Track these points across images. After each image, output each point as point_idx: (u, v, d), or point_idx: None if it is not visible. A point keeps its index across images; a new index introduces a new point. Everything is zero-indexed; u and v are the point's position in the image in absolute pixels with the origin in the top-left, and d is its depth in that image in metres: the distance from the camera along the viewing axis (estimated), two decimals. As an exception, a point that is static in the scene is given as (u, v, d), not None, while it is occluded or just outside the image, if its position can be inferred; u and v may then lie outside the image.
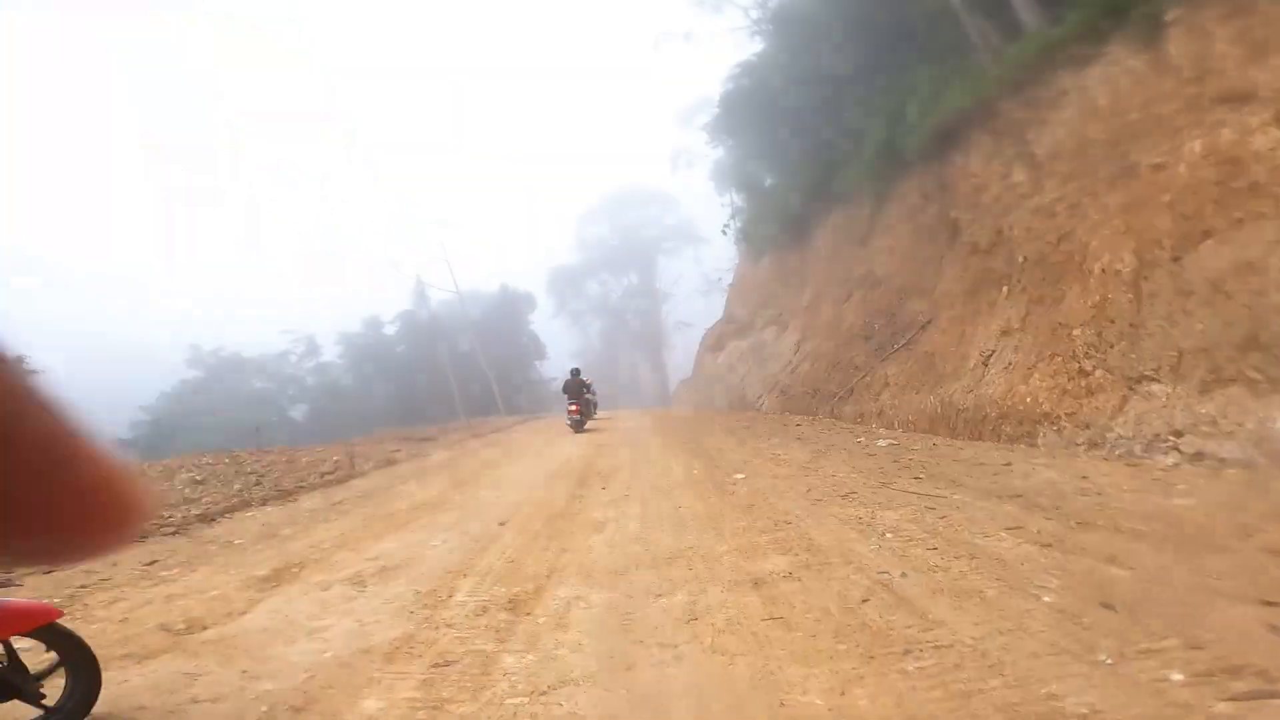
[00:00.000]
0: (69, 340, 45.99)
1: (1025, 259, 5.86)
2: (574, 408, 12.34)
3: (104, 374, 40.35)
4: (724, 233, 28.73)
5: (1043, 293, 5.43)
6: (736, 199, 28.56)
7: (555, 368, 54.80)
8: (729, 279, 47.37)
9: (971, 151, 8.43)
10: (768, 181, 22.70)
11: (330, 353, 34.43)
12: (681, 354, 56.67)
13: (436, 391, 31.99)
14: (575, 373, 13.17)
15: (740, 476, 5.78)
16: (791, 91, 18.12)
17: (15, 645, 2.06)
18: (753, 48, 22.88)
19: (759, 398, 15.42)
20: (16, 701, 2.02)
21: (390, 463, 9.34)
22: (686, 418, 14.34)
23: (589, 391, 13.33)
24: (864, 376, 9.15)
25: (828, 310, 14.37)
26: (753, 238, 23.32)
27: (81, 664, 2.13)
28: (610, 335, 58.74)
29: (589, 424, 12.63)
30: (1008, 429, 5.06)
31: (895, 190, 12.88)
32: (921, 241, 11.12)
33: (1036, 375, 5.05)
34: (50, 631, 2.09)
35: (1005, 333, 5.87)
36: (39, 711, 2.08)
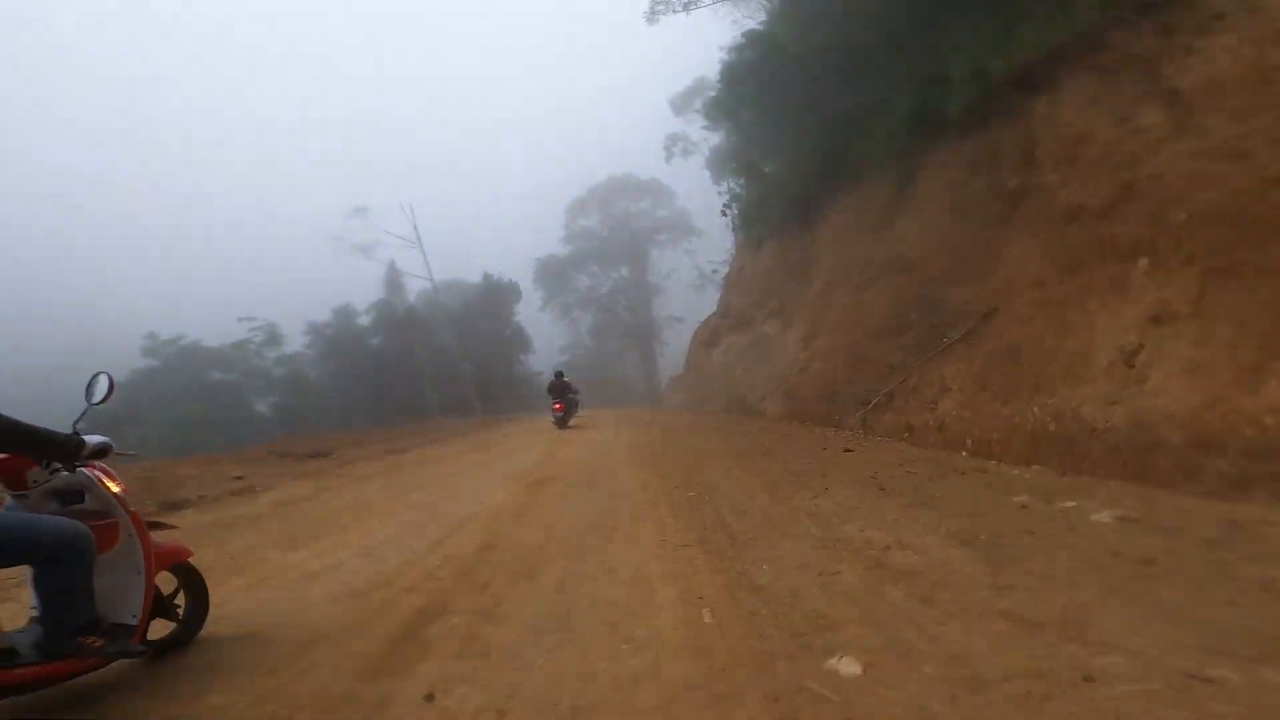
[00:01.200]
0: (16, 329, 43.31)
1: (1187, 216, 4.11)
2: (558, 406, 13.78)
3: (59, 365, 37.79)
4: (724, 213, 26.95)
5: (1235, 259, 3.69)
6: (735, 185, 26.80)
7: (542, 361, 52.73)
8: (724, 271, 45.83)
9: (1063, 98, 6.63)
10: (770, 163, 20.84)
11: (297, 343, 32.17)
12: (673, 350, 54.94)
13: (413, 388, 29.93)
14: (559, 375, 14.84)
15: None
16: (803, 62, 16.27)
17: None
18: (759, 16, 21.06)
19: (761, 399, 13.61)
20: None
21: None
22: (677, 424, 12.40)
23: (571, 392, 14.51)
24: (905, 379, 7.35)
25: (841, 301, 12.57)
26: (753, 225, 21.50)
27: (198, 591, 2.71)
28: (600, 329, 56.75)
29: (572, 420, 13.94)
30: (1223, 466, 3.30)
31: (927, 164, 11.14)
32: (965, 219, 9.35)
33: (1275, 380, 3.26)
34: (178, 567, 2.66)
35: (1157, 320, 4.12)
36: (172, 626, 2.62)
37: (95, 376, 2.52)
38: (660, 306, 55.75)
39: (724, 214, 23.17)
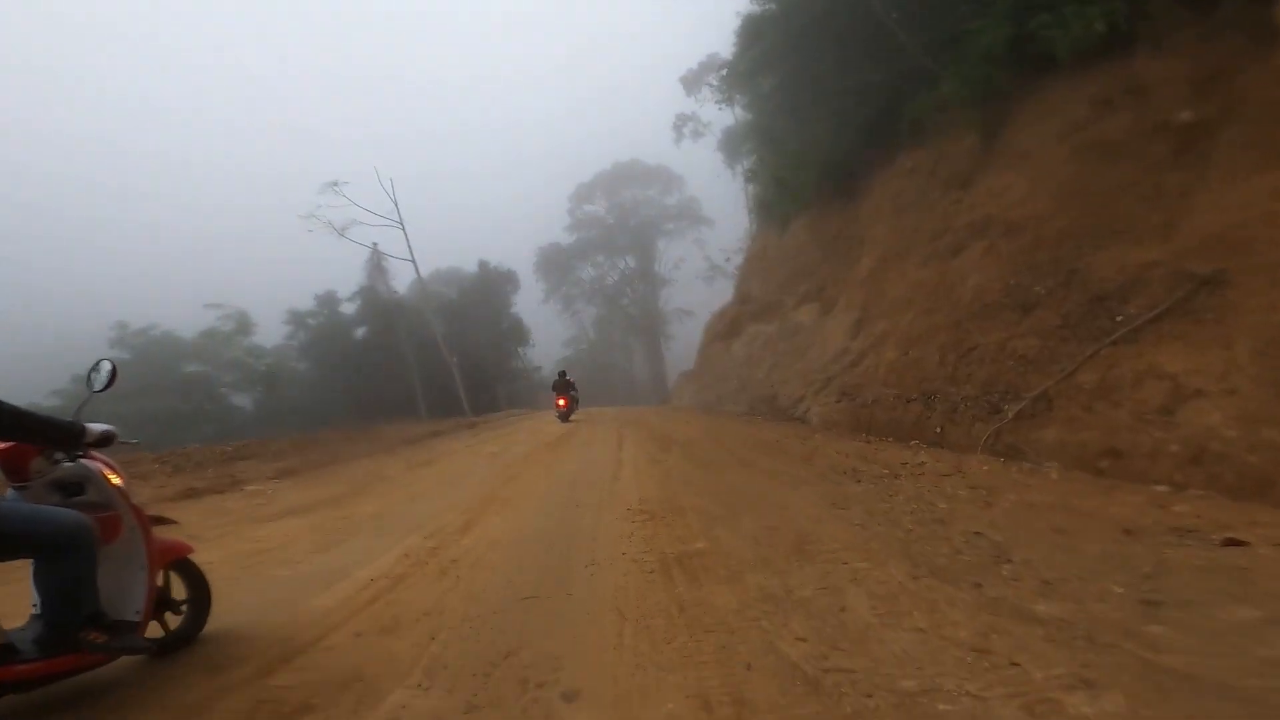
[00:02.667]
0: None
1: None
2: (563, 402, 14.77)
3: (20, 354, 35.59)
4: (748, 179, 24.31)
5: None
6: (753, 162, 24.18)
7: (544, 355, 50.27)
8: (738, 261, 43.22)
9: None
10: (798, 133, 18.13)
11: (276, 332, 29.76)
12: (681, 344, 52.33)
13: (402, 384, 27.49)
14: (562, 374, 15.77)
15: None
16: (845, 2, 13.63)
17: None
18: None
19: (800, 400, 11.02)
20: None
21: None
22: (699, 435, 9.23)
23: (573, 390, 15.42)
24: (1070, 373, 4.76)
25: (910, 277, 9.97)
26: (777, 202, 18.85)
27: (200, 589, 2.62)
28: (605, 323, 54.21)
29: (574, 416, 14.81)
30: None
31: (1023, 109, 8.86)
32: (1104, 165, 6.87)
33: None
34: (180, 563, 2.58)
35: None
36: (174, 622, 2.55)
37: (98, 363, 2.51)
38: (668, 299, 53.11)
39: (748, 180, 20.52)
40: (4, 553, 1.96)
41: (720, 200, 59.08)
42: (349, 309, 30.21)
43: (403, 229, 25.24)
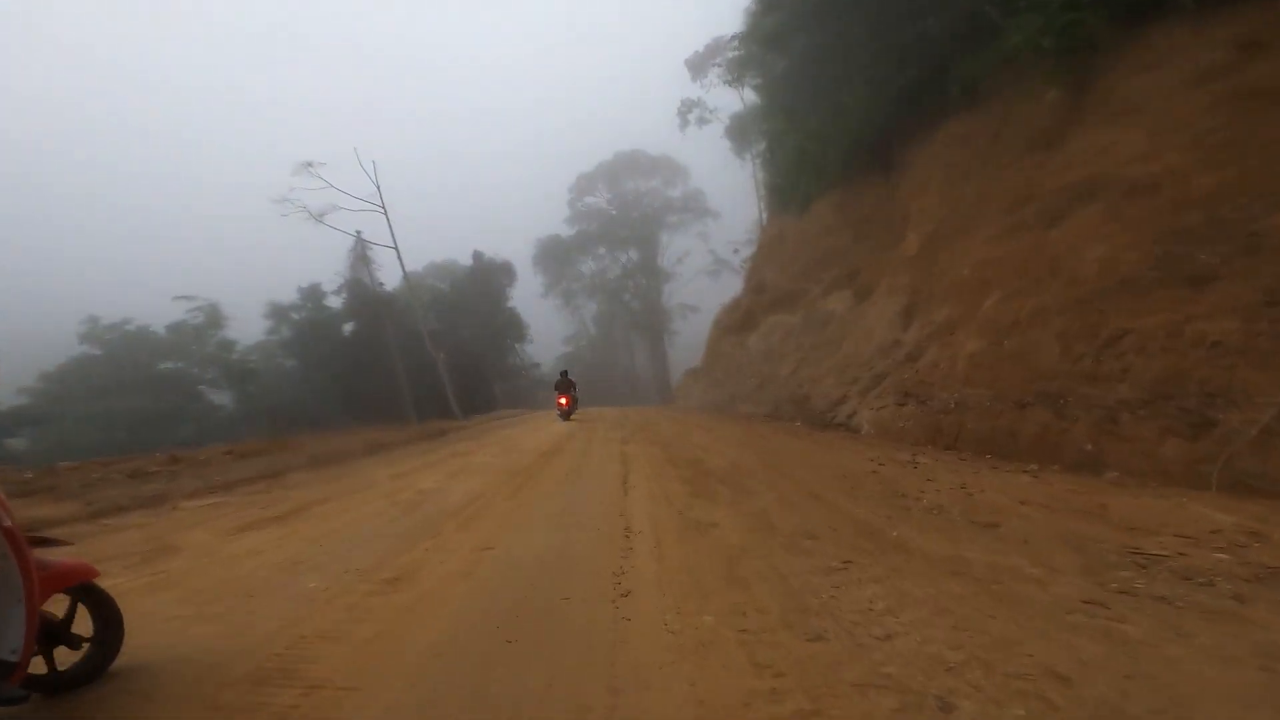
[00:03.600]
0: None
1: None
2: (565, 401, 15.22)
3: None
4: (757, 162, 22.60)
5: None
6: (768, 141, 22.42)
7: (544, 352, 48.50)
8: (747, 253, 41.50)
9: None
10: (821, 108, 16.38)
11: (256, 327, 27.97)
12: (685, 341, 50.58)
13: (391, 382, 25.73)
14: (564, 374, 16.11)
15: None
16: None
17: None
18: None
19: (840, 402, 9.30)
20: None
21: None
22: (726, 451, 7.17)
23: (574, 389, 15.83)
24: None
25: (970, 255, 8.28)
26: (797, 182, 17.16)
27: (109, 618, 2.25)
28: (606, 318, 52.43)
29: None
30: None
31: (1130, 55, 7.31)
32: (1254, 115, 5.24)
33: None
34: (82, 587, 2.23)
35: None
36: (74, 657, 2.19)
37: None
38: (672, 294, 51.29)
39: (760, 163, 18.75)
40: None
41: (727, 191, 57.05)
42: (335, 303, 28.40)
43: (385, 214, 23.43)
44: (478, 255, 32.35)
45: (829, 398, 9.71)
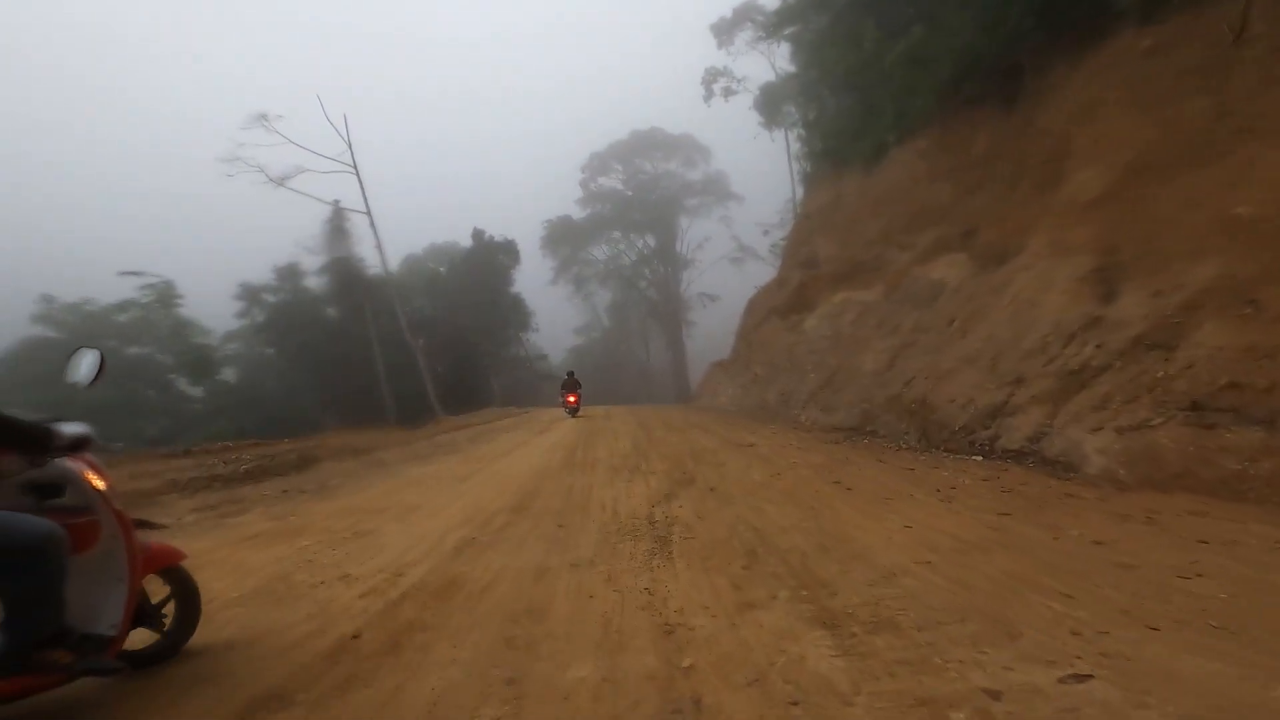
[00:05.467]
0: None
1: None
2: (573, 399, 16.13)
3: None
4: (799, 120, 18.96)
5: None
6: (822, 83, 18.68)
7: (553, 343, 45.11)
8: (779, 235, 37.73)
9: None
10: (917, 17, 12.55)
11: (224, 309, 24.85)
12: (704, 332, 46.82)
13: (372, 375, 22.51)
14: (570, 374, 17.12)
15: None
16: None
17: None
18: None
19: (1001, 415, 5.67)
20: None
21: None
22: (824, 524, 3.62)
23: (580, 389, 16.62)
24: None
25: (1206, 192, 4.64)
26: (861, 134, 13.55)
27: (189, 599, 2.33)
28: (620, 308, 48.78)
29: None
30: None
31: None
32: None
33: None
34: (169, 570, 2.31)
35: None
36: (156, 636, 2.26)
37: (76, 352, 2.14)
38: (691, 282, 47.50)
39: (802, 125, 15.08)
40: None
41: (753, 173, 53.02)
42: (314, 283, 25.17)
43: (357, 174, 20.08)
44: (478, 234, 28.91)
45: (973, 405, 6.09)
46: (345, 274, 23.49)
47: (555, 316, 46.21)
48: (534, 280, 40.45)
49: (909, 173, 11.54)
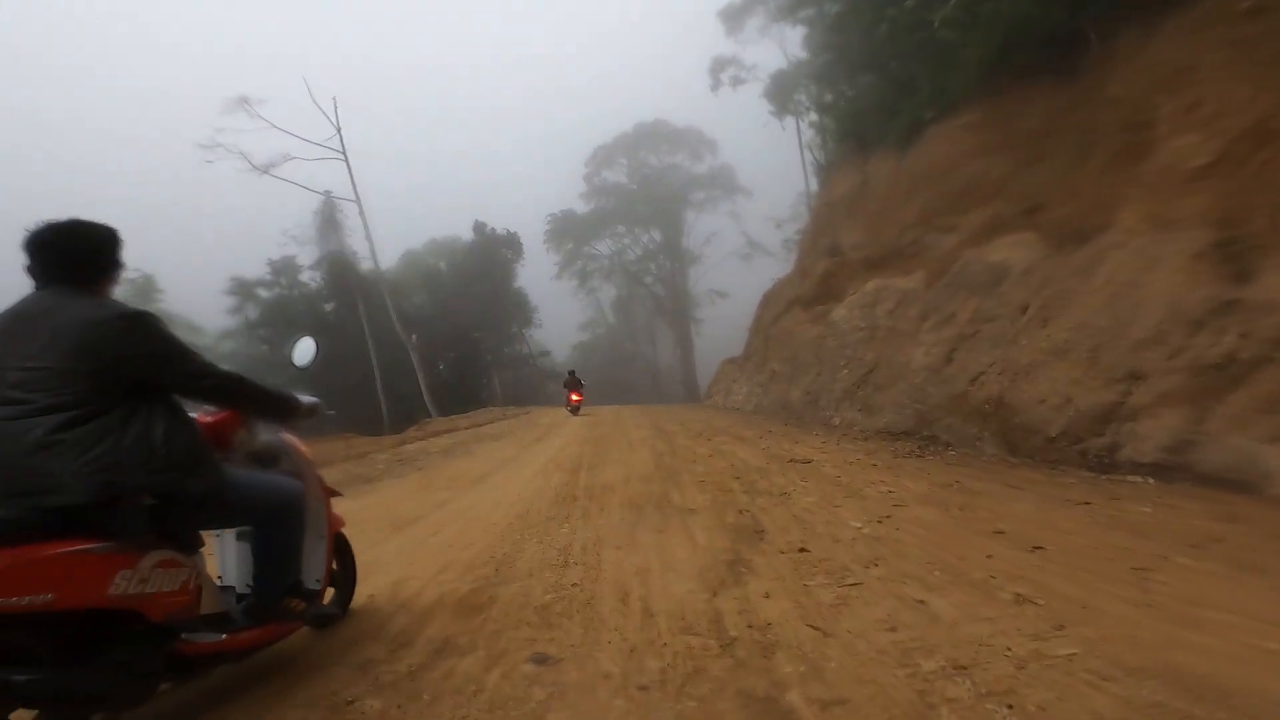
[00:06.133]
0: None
1: None
2: (576, 397, 16.14)
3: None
4: (814, 103, 17.92)
5: None
6: (823, 93, 17.66)
7: (558, 340, 44.11)
8: (792, 230, 36.53)
9: None
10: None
11: (214, 305, 23.88)
12: (712, 331, 45.77)
13: (367, 375, 21.49)
14: (572, 373, 17.45)
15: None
16: None
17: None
18: None
19: (1115, 418, 4.64)
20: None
21: None
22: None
23: (583, 387, 16.86)
24: None
25: None
26: (893, 112, 12.51)
27: (348, 562, 2.54)
28: (626, 304, 47.74)
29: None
30: None
31: None
32: None
33: None
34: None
35: None
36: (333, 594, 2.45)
37: (299, 340, 2.44)
38: (698, 279, 46.45)
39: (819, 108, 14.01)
40: (229, 518, 1.91)
41: (761, 166, 51.78)
42: (309, 278, 24.16)
43: (345, 160, 19.06)
44: (479, 226, 27.87)
45: (1071, 406, 5.05)
46: (339, 268, 22.48)
47: (559, 313, 45.26)
48: (538, 276, 39.43)
49: (952, 150, 10.47)
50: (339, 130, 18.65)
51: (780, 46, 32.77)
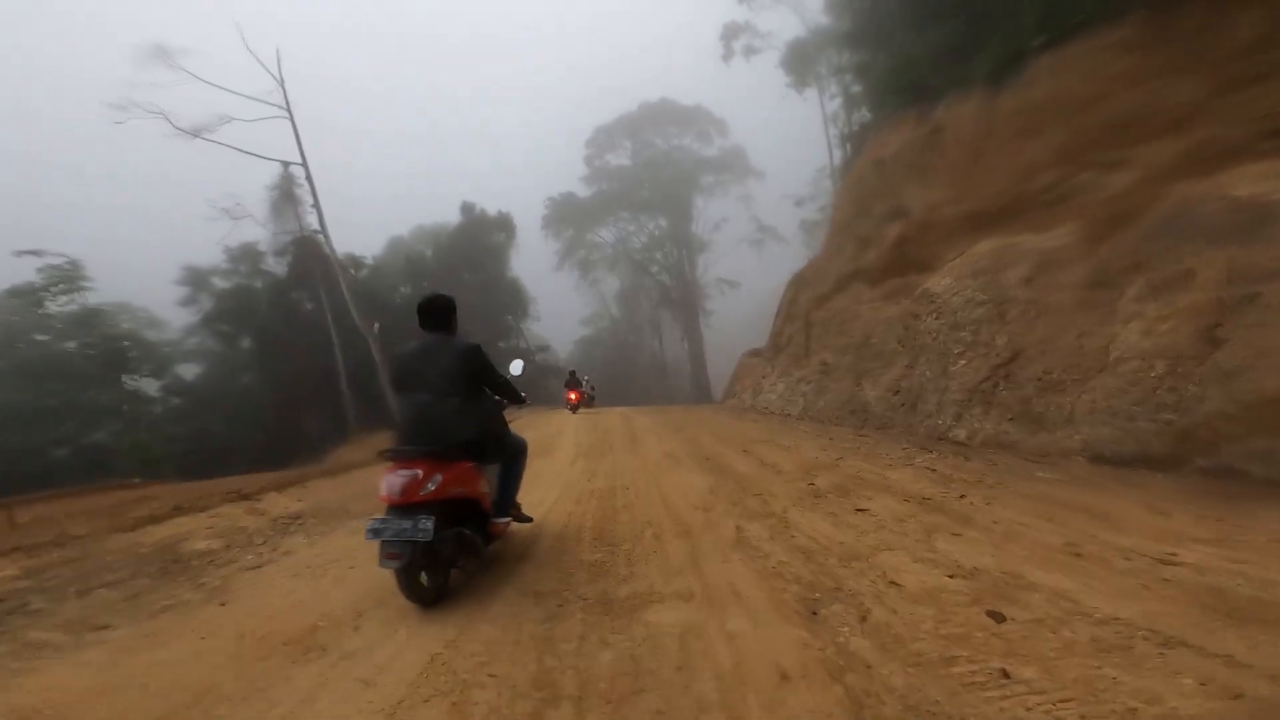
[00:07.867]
0: None
1: None
2: (575, 396, 16.55)
3: None
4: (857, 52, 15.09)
5: None
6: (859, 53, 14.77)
7: (558, 334, 41.15)
8: (814, 208, 33.48)
9: None
10: None
11: (165, 297, 20.98)
12: (722, 323, 42.82)
13: (332, 374, 18.63)
14: (572, 373, 18.18)
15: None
16: None
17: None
18: None
19: None
20: None
21: None
22: None
23: (588, 387, 18.40)
24: None
25: None
26: (984, 43, 9.71)
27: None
28: (631, 296, 44.73)
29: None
30: None
31: None
32: None
33: None
34: None
35: None
36: None
37: (513, 361, 4.16)
38: (707, 267, 43.47)
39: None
40: (500, 455, 3.46)
41: (775, 146, 48.40)
42: (276, 264, 21.23)
43: (290, 116, 16.14)
44: (467, 207, 24.97)
45: None
46: (307, 252, 19.58)
47: (560, 305, 42.32)
48: (537, 266, 36.48)
49: (1095, 75, 7.59)
50: (281, 84, 15.74)
51: (798, 14, 29.74)
